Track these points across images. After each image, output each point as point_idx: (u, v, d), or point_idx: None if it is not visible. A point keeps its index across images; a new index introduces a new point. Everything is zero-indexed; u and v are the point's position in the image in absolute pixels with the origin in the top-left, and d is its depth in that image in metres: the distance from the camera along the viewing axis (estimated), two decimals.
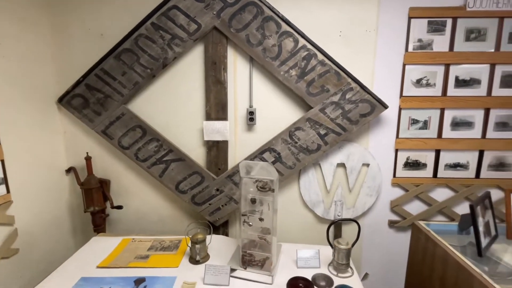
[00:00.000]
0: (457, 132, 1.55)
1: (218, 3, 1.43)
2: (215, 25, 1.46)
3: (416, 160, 1.60)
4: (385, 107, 1.47)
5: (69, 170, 1.67)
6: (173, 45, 1.49)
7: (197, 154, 1.63)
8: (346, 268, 1.27)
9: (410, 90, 1.52)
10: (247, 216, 1.23)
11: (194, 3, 1.44)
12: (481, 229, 1.09)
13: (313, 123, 1.50)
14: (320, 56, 1.44)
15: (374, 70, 1.51)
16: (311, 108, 1.50)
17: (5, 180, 1.32)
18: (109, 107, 1.56)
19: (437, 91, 1.51)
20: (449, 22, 1.45)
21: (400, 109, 1.55)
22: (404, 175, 1.61)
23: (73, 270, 1.26)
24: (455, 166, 1.59)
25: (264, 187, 1.21)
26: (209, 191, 1.60)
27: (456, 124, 1.54)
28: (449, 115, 1.54)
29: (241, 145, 1.61)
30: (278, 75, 1.48)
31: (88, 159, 1.61)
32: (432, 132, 1.56)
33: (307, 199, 1.65)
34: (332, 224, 1.30)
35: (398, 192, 1.64)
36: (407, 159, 1.60)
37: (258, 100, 1.56)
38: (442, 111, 1.54)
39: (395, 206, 1.64)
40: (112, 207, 1.65)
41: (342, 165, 1.61)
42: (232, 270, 1.24)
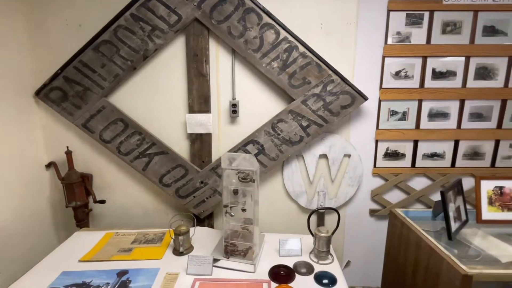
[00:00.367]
0: (434, 123, 1.60)
1: None
2: (196, 17, 1.44)
3: (395, 151, 1.65)
4: (365, 99, 1.50)
5: (49, 165, 1.63)
6: (154, 37, 1.47)
7: (181, 147, 1.62)
8: (327, 255, 1.31)
9: (390, 82, 1.56)
10: (229, 207, 1.24)
11: None
12: (452, 214, 1.15)
13: (295, 115, 1.52)
14: (302, 48, 1.45)
15: (355, 63, 1.54)
16: (293, 100, 1.51)
17: None
18: (89, 100, 1.53)
19: (415, 83, 1.55)
20: (426, 15, 1.48)
21: (380, 101, 1.58)
22: (384, 165, 1.66)
23: (54, 265, 1.25)
24: (432, 156, 1.64)
25: (246, 178, 1.22)
26: (193, 184, 1.60)
27: (433, 115, 1.59)
28: (426, 107, 1.58)
29: (225, 138, 1.62)
30: (260, 67, 1.48)
31: (69, 154, 1.58)
32: (410, 123, 1.60)
33: (291, 190, 1.67)
34: (312, 213, 1.33)
35: (378, 182, 1.68)
36: (387, 150, 1.64)
37: (241, 93, 1.56)
38: (420, 103, 1.58)
39: (376, 196, 1.69)
40: (95, 202, 1.64)
41: (324, 156, 1.65)
42: (215, 260, 1.25)
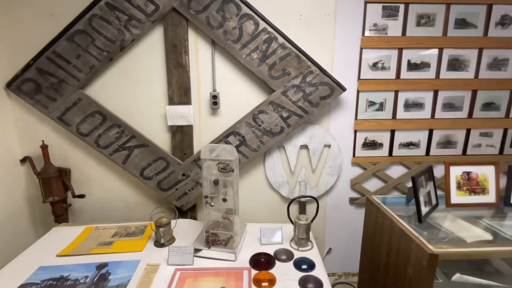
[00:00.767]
0: (410, 113, 1.66)
1: None
2: (174, 6, 1.42)
3: (373, 140, 1.70)
4: (344, 90, 1.53)
5: (24, 160, 1.58)
6: (130, 27, 1.43)
7: (162, 140, 1.61)
8: (306, 242, 1.35)
9: (367, 73, 1.60)
10: (210, 198, 1.25)
11: None
12: (422, 199, 1.21)
13: (276, 106, 1.53)
14: (281, 39, 1.46)
15: (334, 54, 1.56)
16: (274, 91, 1.52)
17: None
18: (64, 92, 1.48)
19: (392, 74, 1.60)
20: (402, 8, 1.52)
21: (358, 92, 1.62)
22: (363, 155, 1.71)
23: (31, 260, 1.22)
24: (408, 145, 1.70)
25: (225, 168, 1.23)
26: (175, 176, 1.60)
27: (409, 106, 1.65)
28: (402, 97, 1.63)
29: (206, 129, 1.62)
30: (240, 58, 1.48)
31: (45, 148, 1.54)
32: (387, 114, 1.65)
33: (273, 181, 1.70)
34: (292, 202, 1.36)
35: (358, 171, 1.74)
36: (365, 140, 1.69)
37: (222, 84, 1.56)
38: (396, 94, 1.63)
39: (355, 184, 1.74)
40: (74, 196, 1.60)
41: (305, 147, 1.67)
42: (197, 250, 1.26)
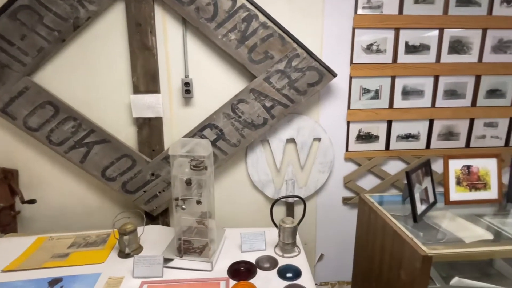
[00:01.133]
0: (408, 102, 1.70)
1: None
2: None
3: (368, 132, 1.73)
4: (334, 76, 1.55)
5: None
6: (85, 2, 1.40)
7: (126, 134, 1.60)
8: (292, 248, 1.37)
9: (361, 57, 1.62)
10: (181, 200, 1.25)
11: None
12: (418, 196, 1.25)
13: (258, 95, 1.54)
14: (262, 18, 1.46)
15: (323, 35, 1.58)
16: (255, 78, 1.53)
17: None
18: (8, 80, 1.44)
19: (388, 58, 1.63)
20: None
21: (351, 78, 1.65)
22: (357, 149, 1.74)
23: None
24: (407, 137, 1.75)
25: (199, 166, 1.23)
26: (143, 176, 1.59)
27: (407, 93, 1.69)
28: (400, 84, 1.67)
29: (178, 122, 1.61)
30: (216, 40, 1.47)
31: None
32: (384, 102, 1.69)
33: (256, 180, 1.71)
34: (275, 203, 1.38)
35: (351, 167, 1.77)
36: (359, 132, 1.72)
37: (195, 69, 1.55)
38: (393, 79, 1.66)
39: (348, 182, 1.78)
40: (23, 202, 1.57)
41: (292, 141, 1.69)
42: (167, 260, 1.27)
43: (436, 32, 1.61)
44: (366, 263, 1.45)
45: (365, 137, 1.73)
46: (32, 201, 1.59)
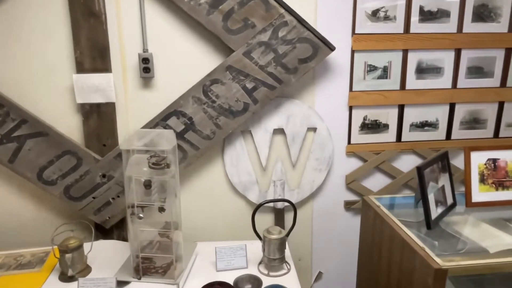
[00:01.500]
0: (424, 81, 1.73)
1: None
2: None
3: (376, 120, 1.76)
4: (332, 49, 1.56)
5: None
6: None
7: (68, 125, 1.58)
8: (280, 264, 1.39)
9: (365, 26, 1.63)
10: (137, 207, 1.25)
11: None
12: (433, 197, 1.28)
13: (236, 73, 1.54)
14: None
15: None
16: (233, 52, 1.53)
17: None
18: None
19: (398, 27, 1.65)
20: None
21: (353, 52, 1.66)
22: (361, 141, 1.76)
23: None
24: (423, 126, 1.78)
25: (159, 163, 1.23)
26: (92, 179, 1.58)
27: (422, 71, 1.71)
28: (414, 59, 1.69)
29: (135, 109, 1.60)
30: (182, 4, 1.46)
31: None
32: (394, 82, 1.71)
33: (236, 181, 1.72)
34: (258, 208, 1.39)
35: (355, 164, 1.79)
36: (364, 119, 1.75)
37: (156, 42, 1.54)
38: (405, 54, 1.69)
39: (352, 182, 1.80)
40: None
41: (281, 132, 1.70)
42: (122, 283, 1.28)
43: None
44: (371, 281, 1.48)
45: (372, 126, 1.76)
46: None
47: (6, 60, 1.50)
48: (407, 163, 1.81)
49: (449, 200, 1.41)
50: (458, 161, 1.79)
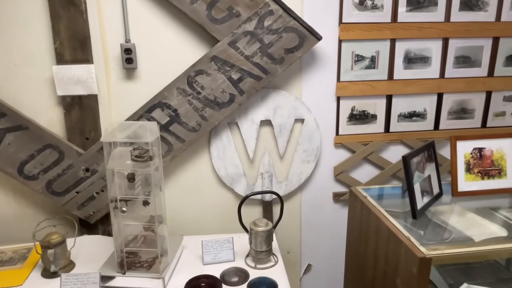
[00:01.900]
0: (412, 71, 1.73)
1: None
2: None
3: (364, 111, 1.76)
4: (318, 39, 1.55)
5: None
6: None
7: (49, 118, 1.57)
8: (267, 256, 1.40)
9: (352, 15, 1.63)
10: (121, 201, 1.24)
11: None
12: (419, 187, 1.29)
13: (222, 64, 1.53)
14: None
15: None
16: (218, 42, 1.51)
17: None
18: None
19: (386, 16, 1.64)
20: None
21: (340, 42, 1.66)
22: (349, 132, 1.77)
23: None
24: (411, 116, 1.79)
25: (142, 156, 1.22)
26: (74, 173, 1.56)
27: (410, 60, 1.72)
28: (401, 48, 1.70)
29: (118, 101, 1.59)
30: None
31: None
32: (382, 72, 1.71)
33: (223, 174, 1.71)
34: (244, 201, 1.39)
35: (343, 155, 1.80)
36: (352, 110, 1.75)
37: (139, 32, 1.53)
38: (393, 43, 1.69)
39: (340, 174, 1.81)
40: None
41: (268, 123, 1.70)
42: (106, 278, 1.27)
43: None
44: (359, 272, 1.50)
45: (360, 117, 1.76)
46: None
47: None
48: (396, 154, 1.82)
49: (435, 190, 1.42)
50: (446, 151, 1.80)
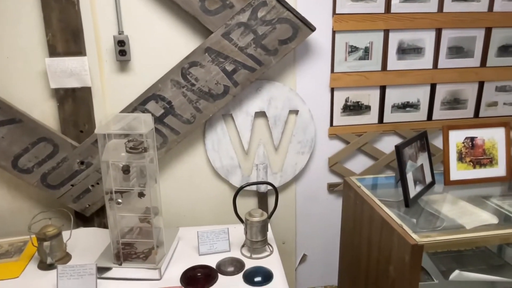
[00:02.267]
0: (405, 62, 1.74)
1: None
2: None
3: (358, 102, 1.78)
4: (312, 30, 1.56)
5: None
6: None
7: (43, 111, 1.56)
8: (263, 246, 1.42)
9: (346, 6, 1.63)
10: (116, 193, 1.25)
11: None
12: (411, 176, 1.31)
13: (215, 55, 1.53)
14: None
15: None
16: (211, 33, 1.51)
17: None
18: None
19: (379, 7, 1.65)
20: None
21: (334, 33, 1.66)
22: (343, 123, 1.79)
23: None
24: (404, 107, 1.81)
25: (137, 147, 1.23)
26: (69, 166, 1.56)
27: (404, 51, 1.73)
28: (395, 39, 1.71)
29: (112, 94, 1.59)
30: None
31: None
32: (375, 63, 1.73)
33: (218, 165, 1.73)
34: (239, 191, 1.40)
35: (337, 146, 1.82)
36: (346, 101, 1.76)
37: (132, 23, 1.52)
38: (386, 34, 1.70)
39: (334, 165, 1.83)
40: None
41: (263, 115, 1.71)
42: (103, 270, 1.28)
43: None
44: (353, 261, 1.52)
45: (354, 108, 1.78)
46: None
47: None
48: (389, 145, 1.83)
49: (428, 179, 1.44)
50: (439, 142, 1.81)
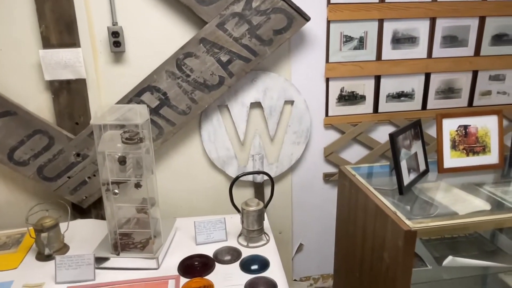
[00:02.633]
0: (400, 51, 1.75)
1: None
2: None
3: (352, 92, 1.79)
4: (307, 19, 1.56)
5: None
6: None
7: (38, 104, 1.56)
8: (259, 235, 1.43)
9: None
10: (112, 184, 1.26)
11: None
12: (405, 164, 1.33)
13: (210, 46, 1.53)
14: None
15: None
16: (206, 24, 1.51)
17: None
18: None
19: None
20: None
21: (329, 23, 1.67)
22: (339, 113, 1.80)
23: None
24: (399, 96, 1.82)
25: (132, 138, 1.23)
26: (65, 158, 1.57)
27: (398, 41, 1.74)
28: (389, 29, 1.72)
29: (107, 85, 1.59)
30: None
31: None
32: (370, 53, 1.74)
33: (214, 156, 1.74)
34: (235, 181, 1.42)
35: (333, 136, 1.83)
36: (341, 91, 1.77)
37: (126, 14, 1.52)
38: (381, 24, 1.70)
39: (330, 154, 1.84)
40: None
41: (258, 105, 1.72)
42: (100, 260, 1.30)
43: None
44: (348, 249, 1.55)
45: (349, 98, 1.79)
46: None
47: None
48: (384, 134, 1.85)
49: (422, 167, 1.46)
50: (434, 131, 1.83)
